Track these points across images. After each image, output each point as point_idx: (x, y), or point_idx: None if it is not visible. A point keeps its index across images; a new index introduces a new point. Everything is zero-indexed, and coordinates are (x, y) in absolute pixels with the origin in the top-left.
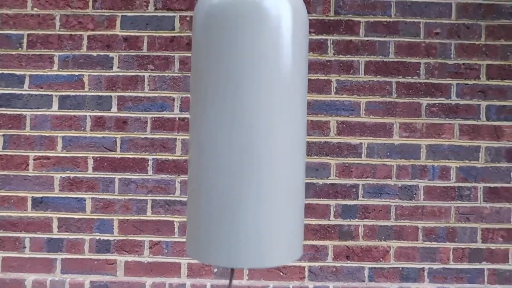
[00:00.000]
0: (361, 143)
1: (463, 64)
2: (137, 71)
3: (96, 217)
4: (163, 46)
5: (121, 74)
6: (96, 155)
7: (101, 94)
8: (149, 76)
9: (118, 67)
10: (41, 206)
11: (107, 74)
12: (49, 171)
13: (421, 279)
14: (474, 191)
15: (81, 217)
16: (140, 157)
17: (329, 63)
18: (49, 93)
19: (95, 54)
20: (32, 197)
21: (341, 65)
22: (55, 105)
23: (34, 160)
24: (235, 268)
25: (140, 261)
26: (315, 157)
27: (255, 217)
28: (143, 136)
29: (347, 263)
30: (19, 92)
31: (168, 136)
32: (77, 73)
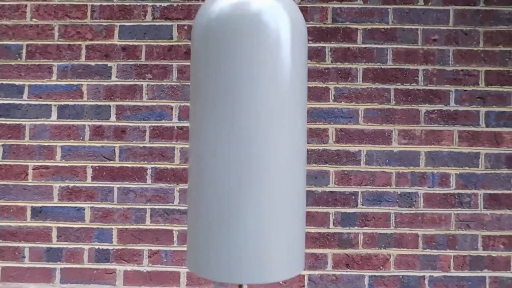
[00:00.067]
0: (360, 151)
1: (462, 70)
2: (136, 80)
3: (95, 226)
4: (161, 55)
5: (120, 83)
6: (95, 164)
7: (99, 103)
8: (148, 85)
9: (116, 77)
10: (40, 215)
11: (105, 83)
12: (48, 180)
13: (421, 287)
14: (474, 198)
15: (80, 226)
16: (138, 166)
17: (327, 71)
18: (48, 103)
19: (93, 63)
20: (31, 206)
21: (339, 72)
22: (54, 115)
23: (33, 169)
24: (235, 284)
25: (139, 270)
26: (314, 165)
27: (255, 230)
28: (141, 145)
29: (347, 271)
30: (18, 102)
31: (166, 145)
32: (75, 83)
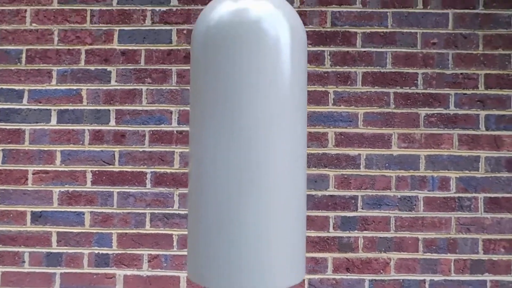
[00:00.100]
0: (360, 154)
1: (461, 73)
2: (135, 84)
3: (95, 231)
4: (161, 59)
5: (119, 87)
6: (94, 169)
7: (99, 108)
8: (147, 89)
9: (116, 81)
10: (40, 220)
11: (105, 88)
12: (48, 185)
13: None
14: (474, 201)
15: (80, 231)
16: (138, 170)
17: (326, 75)
18: (48, 108)
19: (93, 68)
20: (31, 211)
21: (339, 76)
22: (54, 119)
23: (33, 174)
24: None
25: (139, 274)
26: (314, 169)
27: (256, 237)
28: (141, 149)
29: (347, 276)
30: (18, 107)
31: (166, 149)
32: (75, 87)
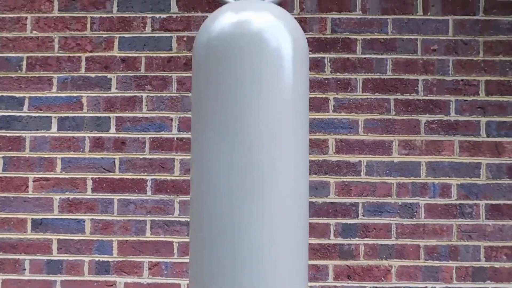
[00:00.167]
0: (360, 161)
1: (462, 80)
2: (135, 91)
3: (95, 238)
4: (161, 66)
5: (119, 95)
6: (95, 176)
7: (99, 115)
8: (147, 96)
9: (116, 88)
10: (41, 227)
11: (105, 95)
12: (49, 192)
13: None
14: (476, 208)
15: (81, 238)
16: (138, 177)
17: (326, 81)
18: (48, 115)
19: (93, 75)
20: (31, 218)
21: (339, 83)
22: (54, 127)
23: (33, 181)
24: None
25: (139, 282)
26: (314, 175)
27: (258, 246)
28: (141, 156)
29: (348, 283)
30: (18, 114)
31: (166, 156)
32: (75, 95)
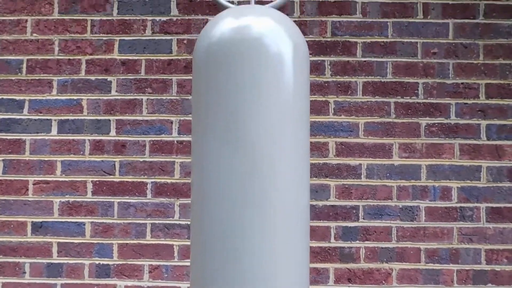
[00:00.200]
0: (361, 164)
1: (462, 83)
2: (135, 94)
3: (95, 242)
4: (161, 69)
5: (119, 97)
6: (95, 179)
7: (99, 118)
8: (147, 99)
9: (116, 91)
10: (41, 230)
11: (105, 98)
12: (49, 195)
13: None
14: (476, 211)
15: (81, 241)
16: (139, 180)
17: (326, 84)
18: (48, 118)
19: (93, 78)
20: (31, 221)
21: (339, 86)
22: (54, 130)
23: (33, 184)
24: None
25: (140, 285)
26: (315, 178)
27: (259, 249)
28: (141, 159)
29: (349, 286)
30: (18, 117)
31: (166, 159)
32: (75, 97)
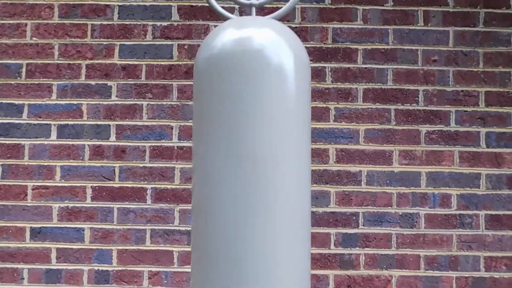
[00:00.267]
0: (361, 171)
1: (462, 91)
2: (136, 99)
3: (95, 247)
4: (161, 74)
5: (120, 102)
6: (94, 185)
7: (99, 123)
8: (148, 104)
9: (116, 96)
10: (40, 236)
11: (105, 103)
12: (48, 200)
13: None
14: (475, 218)
15: (80, 247)
16: (138, 186)
17: (327, 91)
18: (48, 122)
19: (93, 83)
20: (30, 227)
21: (340, 92)
22: (54, 135)
23: (32, 189)
24: None
25: None
26: (315, 185)
27: (262, 258)
28: (141, 165)
29: None
30: (17, 121)
31: (166, 164)
32: (75, 102)
